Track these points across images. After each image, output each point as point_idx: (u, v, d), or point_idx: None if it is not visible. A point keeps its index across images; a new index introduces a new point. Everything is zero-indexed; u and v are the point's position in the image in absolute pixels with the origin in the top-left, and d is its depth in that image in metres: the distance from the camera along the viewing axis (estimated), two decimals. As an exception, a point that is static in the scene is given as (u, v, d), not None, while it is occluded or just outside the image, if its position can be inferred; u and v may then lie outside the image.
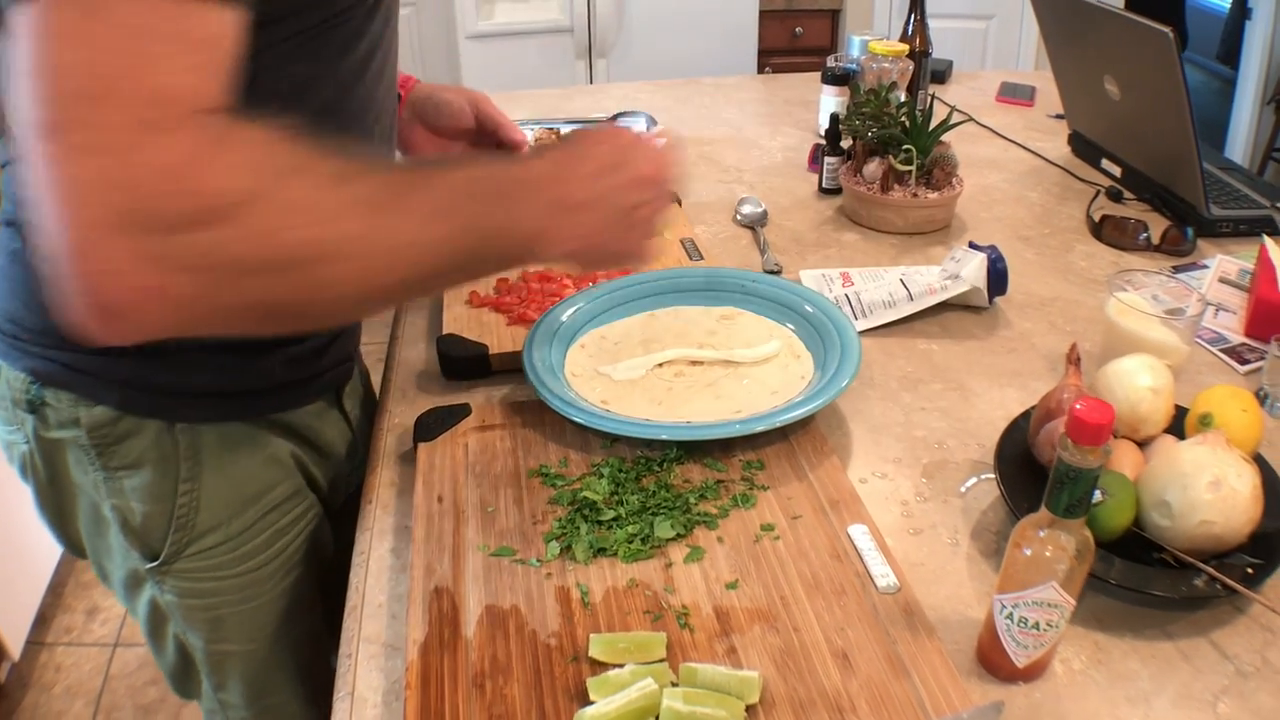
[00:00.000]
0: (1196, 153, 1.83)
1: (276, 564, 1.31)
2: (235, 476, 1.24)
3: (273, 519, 1.29)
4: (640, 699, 0.88)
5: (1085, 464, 0.83)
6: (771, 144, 2.47)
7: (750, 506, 1.16)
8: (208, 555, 1.25)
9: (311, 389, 1.32)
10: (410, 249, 0.89)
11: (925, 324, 1.61)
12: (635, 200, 1.08)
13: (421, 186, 0.92)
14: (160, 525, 1.21)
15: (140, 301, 0.75)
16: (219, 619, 1.30)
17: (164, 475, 1.18)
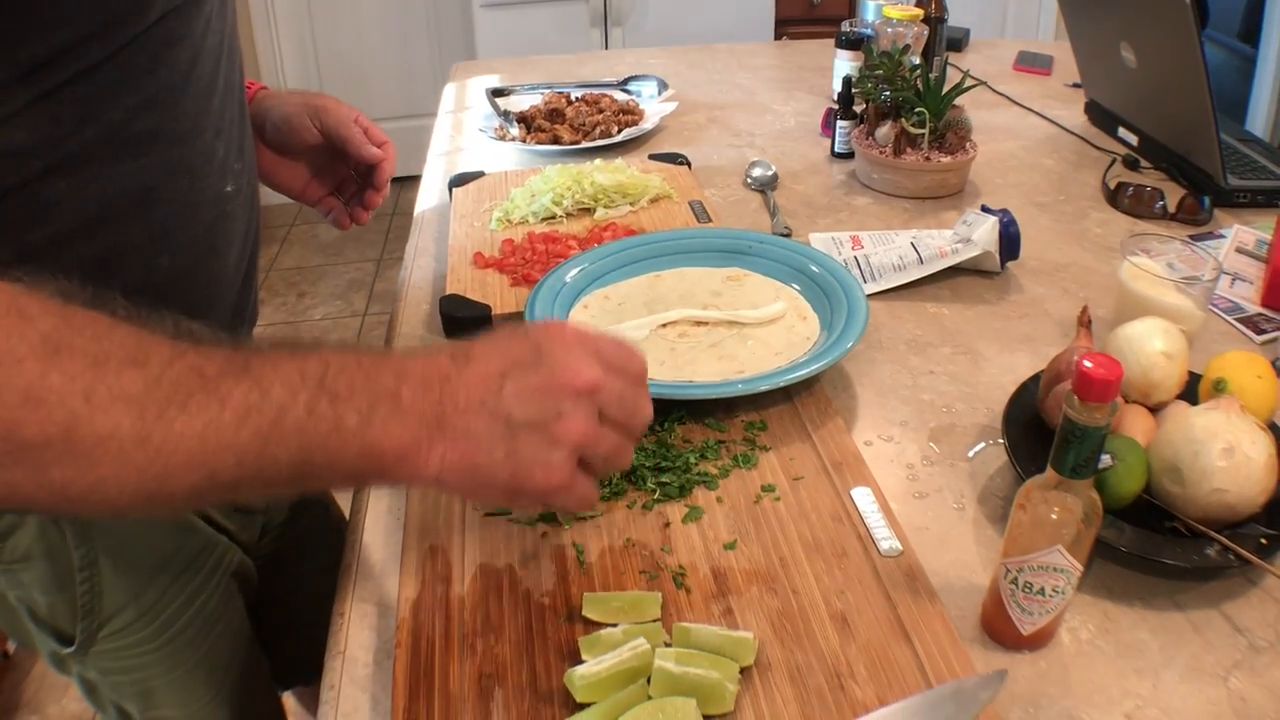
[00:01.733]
0: (1214, 122, 1.80)
1: (199, 623, 1.24)
2: (134, 553, 1.15)
3: (184, 581, 1.21)
4: (632, 659, 0.86)
5: (1092, 422, 0.80)
6: (784, 109, 2.44)
7: (751, 467, 1.14)
8: (123, 635, 1.18)
9: None
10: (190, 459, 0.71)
11: (936, 288, 1.58)
12: (539, 416, 0.82)
13: (233, 376, 0.73)
14: (66, 613, 1.14)
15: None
16: (149, 690, 1.24)
17: (57, 568, 1.11)
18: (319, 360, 0.77)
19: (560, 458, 0.83)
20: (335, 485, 0.84)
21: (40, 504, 0.69)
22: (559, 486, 0.84)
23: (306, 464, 0.75)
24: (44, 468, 0.67)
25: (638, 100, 2.35)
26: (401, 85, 5.36)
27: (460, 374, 0.81)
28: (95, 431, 0.67)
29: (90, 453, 0.67)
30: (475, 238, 1.67)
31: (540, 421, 0.82)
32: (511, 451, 0.81)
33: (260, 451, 0.73)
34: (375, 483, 0.85)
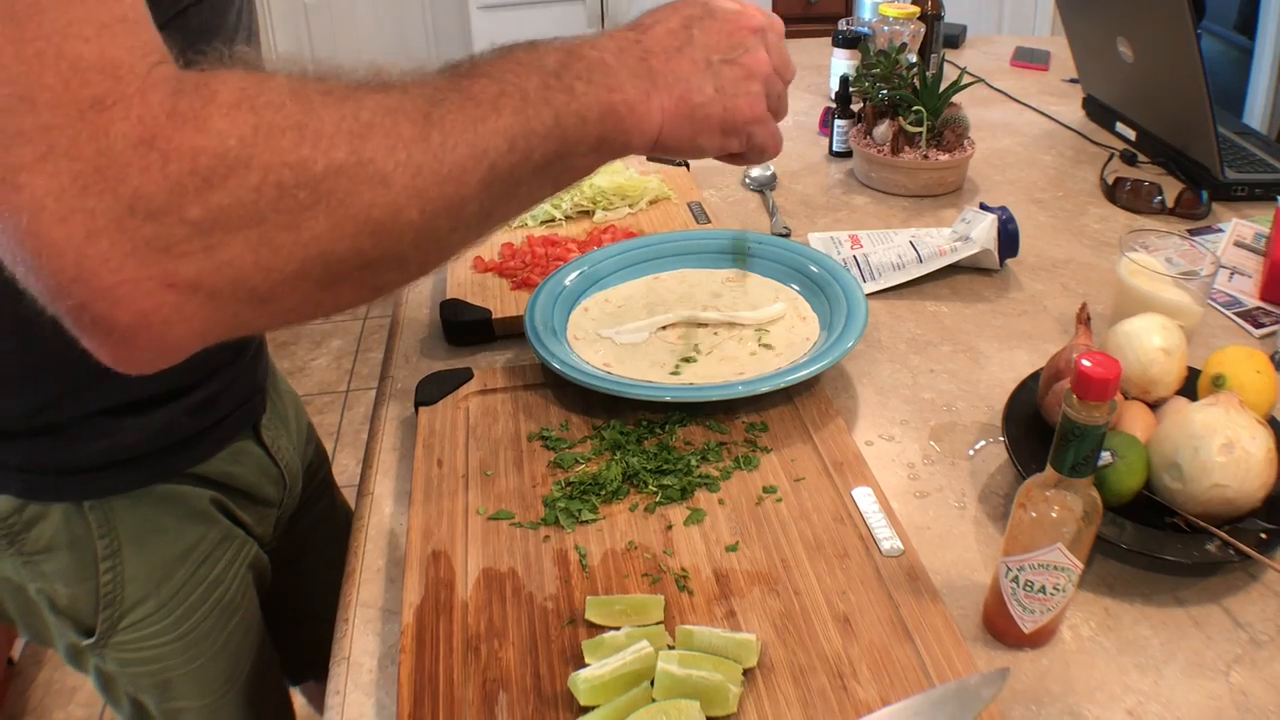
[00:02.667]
0: (1211, 115, 1.80)
1: (216, 615, 1.25)
2: (156, 543, 1.15)
3: (204, 572, 1.22)
4: (635, 662, 0.87)
5: (1091, 420, 0.81)
6: (782, 109, 2.44)
7: (752, 468, 1.14)
8: (143, 625, 1.18)
9: (219, 434, 1.19)
10: (472, 150, 0.73)
11: (935, 286, 1.59)
12: (730, 52, 0.90)
13: (467, 77, 0.76)
14: (88, 604, 1.14)
15: (171, 305, 0.63)
16: (167, 682, 1.24)
17: (81, 557, 1.11)
18: (524, 52, 0.80)
19: (757, 89, 0.91)
20: (587, 157, 0.85)
21: (347, 248, 0.68)
22: (762, 116, 0.93)
23: (563, 134, 0.79)
24: (345, 199, 0.66)
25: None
26: (399, 88, 5.36)
27: (648, 34, 0.88)
28: (381, 144, 0.68)
29: (382, 168, 0.68)
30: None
31: (733, 57, 0.89)
32: (719, 87, 0.89)
33: (523, 129, 0.76)
34: (618, 143, 0.84)
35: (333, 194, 0.66)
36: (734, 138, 0.93)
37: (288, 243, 0.65)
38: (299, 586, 1.50)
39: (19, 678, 2.76)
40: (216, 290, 0.64)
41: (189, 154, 0.61)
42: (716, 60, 0.89)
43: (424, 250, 0.75)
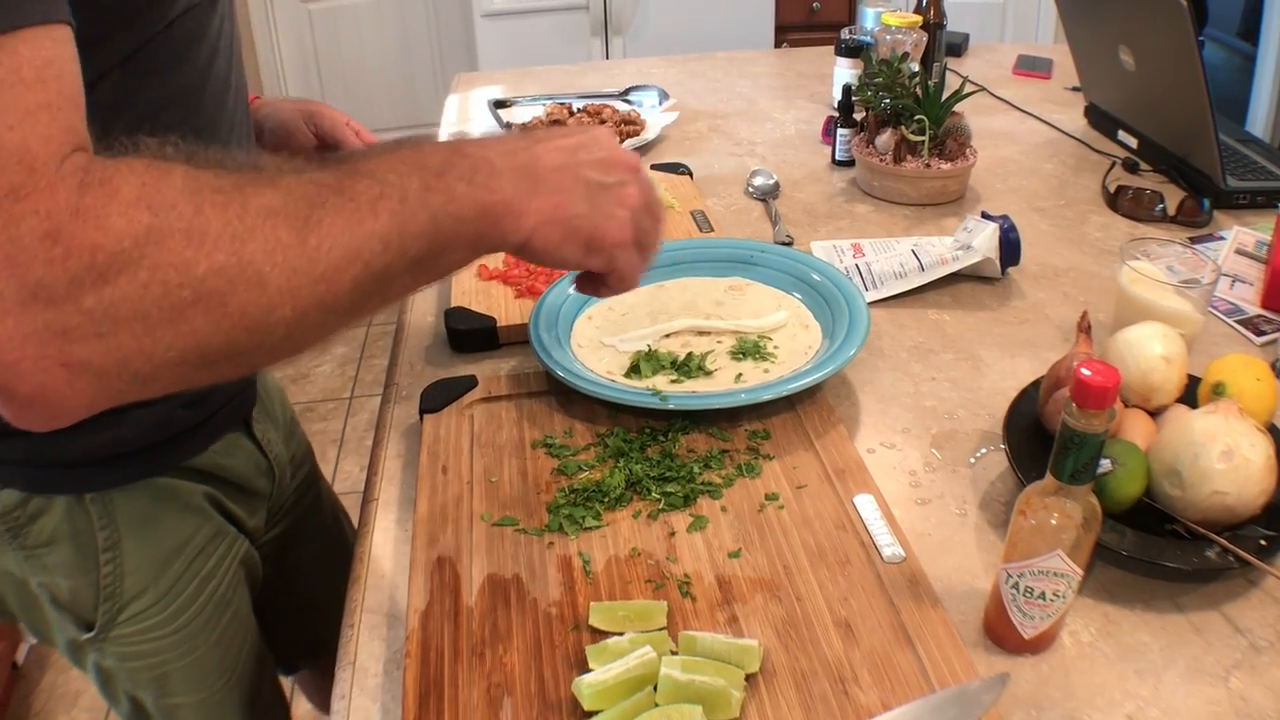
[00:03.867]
0: (1212, 123, 1.81)
1: (210, 609, 1.28)
2: (154, 535, 1.20)
3: (198, 566, 1.25)
4: (638, 667, 0.87)
5: (1090, 428, 0.81)
6: (785, 117, 2.45)
7: (755, 476, 1.15)
8: (141, 618, 1.22)
9: (212, 427, 1.24)
10: (346, 252, 0.77)
11: (937, 294, 1.59)
12: (606, 180, 0.97)
13: (350, 177, 0.79)
14: (88, 597, 1.18)
15: (63, 380, 0.68)
16: (164, 676, 1.28)
17: (83, 549, 1.15)
18: (409, 151, 0.85)
19: (625, 216, 0.98)
20: (461, 253, 0.89)
21: (223, 341, 0.73)
22: (626, 242, 0.98)
23: (437, 234, 0.83)
24: (222, 300, 0.71)
25: (639, 110, 2.36)
26: (404, 96, 5.37)
27: (539, 145, 0.94)
28: (260, 247, 0.72)
29: (260, 270, 0.72)
30: (479, 250, 1.68)
31: (610, 185, 0.97)
32: (593, 207, 0.95)
33: (399, 231, 0.80)
34: (490, 242, 0.89)
35: (212, 293, 0.70)
36: (597, 256, 0.98)
37: (169, 335, 0.70)
38: (289, 578, 1.53)
39: (23, 682, 2.77)
40: (104, 371, 0.69)
41: (88, 250, 0.66)
42: (595, 182, 0.95)
43: (294, 341, 0.79)
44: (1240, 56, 4.86)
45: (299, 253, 0.74)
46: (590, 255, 0.97)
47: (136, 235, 0.67)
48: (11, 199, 0.64)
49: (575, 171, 0.94)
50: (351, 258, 0.77)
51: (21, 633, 2.70)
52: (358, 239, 0.77)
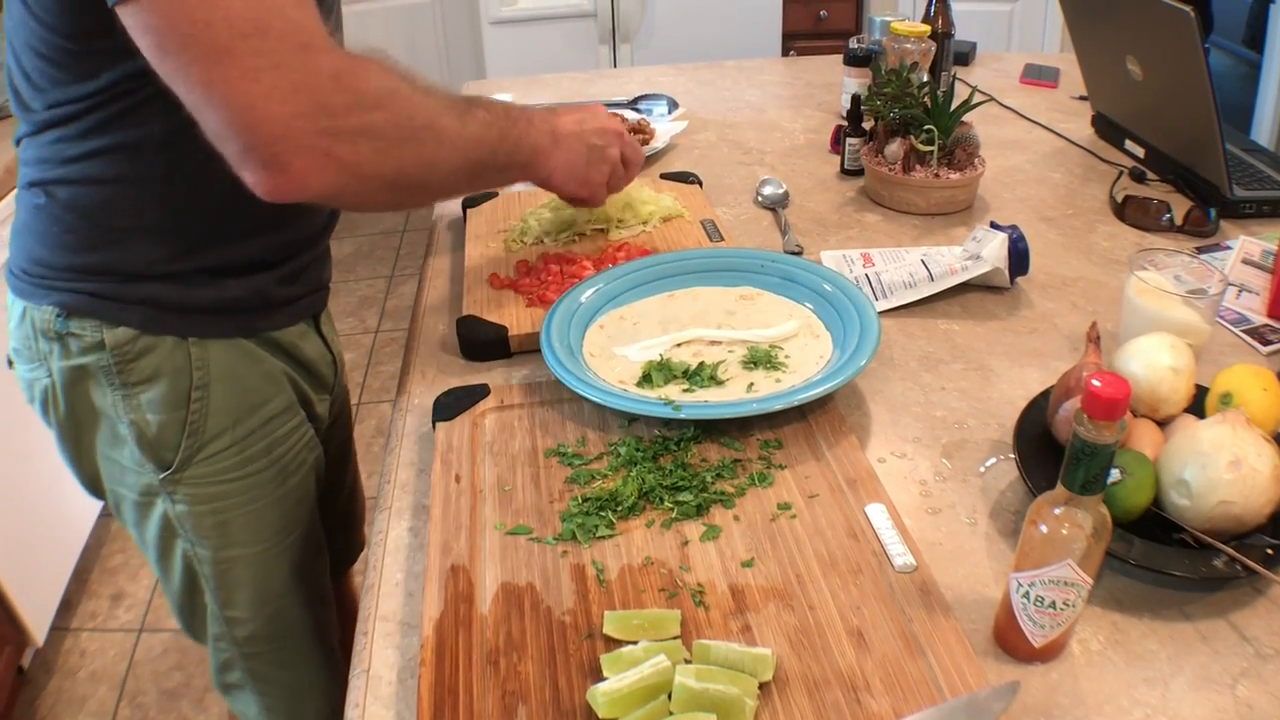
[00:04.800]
0: (1219, 133, 1.81)
1: (275, 469, 1.43)
2: (239, 387, 1.36)
3: (271, 428, 1.41)
4: (653, 675, 0.88)
5: (1101, 439, 0.82)
6: (794, 126, 2.46)
7: (767, 485, 1.16)
8: (215, 460, 1.36)
9: (296, 309, 1.44)
10: (475, 143, 1.26)
11: (946, 304, 1.60)
12: (599, 143, 1.51)
13: (477, 104, 1.27)
14: (173, 433, 1.32)
15: (321, 164, 1.03)
16: (226, 523, 1.40)
17: (178, 385, 1.30)
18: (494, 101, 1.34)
19: (607, 168, 1.55)
20: (515, 172, 1.41)
21: (408, 173, 1.16)
22: (602, 183, 1.55)
23: (512, 155, 1.35)
24: (422, 142, 1.16)
25: (649, 119, 2.37)
26: (412, 104, 5.36)
27: (559, 119, 1.47)
28: (445, 124, 1.20)
29: (439, 137, 1.19)
30: (490, 258, 1.69)
31: (600, 146, 1.52)
32: (589, 161, 1.51)
33: (496, 142, 1.31)
34: (528, 172, 1.43)
35: (420, 136, 1.15)
36: (585, 190, 1.52)
37: (391, 154, 1.12)
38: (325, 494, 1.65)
39: (29, 686, 2.77)
40: (346, 165, 1.06)
41: (357, 90, 1.06)
42: (592, 145, 1.50)
43: (447, 184, 1.31)
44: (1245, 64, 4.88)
45: (459, 131, 1.22)
46: (581, 189, 1.52)
47: (388, 89, 1.11)
48: (306, 51, 1.00)
49: (581, 137, 1.48)
50: (481, 143, 1.28)
51: (28, 635, 2.71)
52: (485, 135, 1.28)
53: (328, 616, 1.61)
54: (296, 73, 0.98)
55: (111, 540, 3.21)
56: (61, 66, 1.14)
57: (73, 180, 1.21)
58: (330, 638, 1.62)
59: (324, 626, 1.60)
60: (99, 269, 1.24)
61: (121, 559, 3.16)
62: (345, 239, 5.27)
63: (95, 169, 1.20)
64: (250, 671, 1.53)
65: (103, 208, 1.21)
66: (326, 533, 1.63)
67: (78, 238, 1.23)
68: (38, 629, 2.75)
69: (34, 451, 2.54)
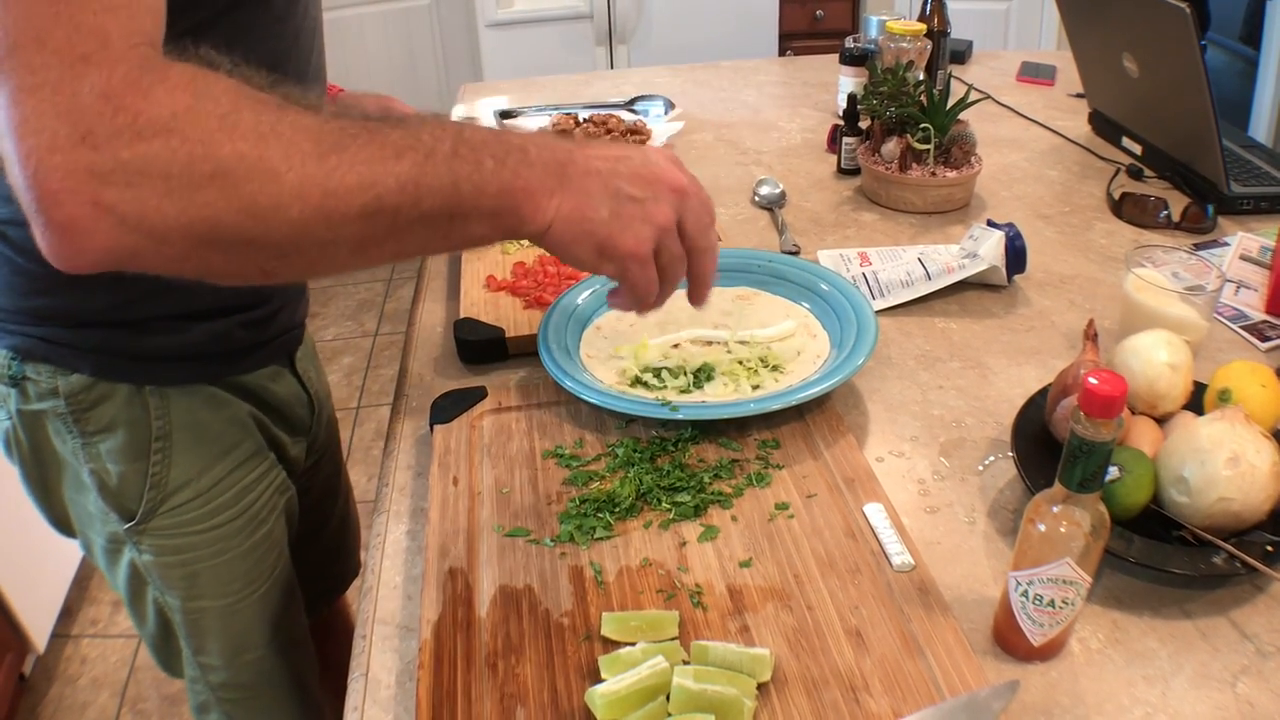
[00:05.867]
0: (1216, 130, 1.81)
1: (244, 519, 1.37)
2: (202, 435, 1.29)
3: (238, 476, 1.35)
4: (651, 677, 0.88)
5: (1098, 437, 0.82)
6: (790, 126, 2.46)
7: (765, 485, 1.16)
8: (180, 511, 1.30)
9: (265, 352, 1.36)
10: (361, 179, 0.86)
11: (944, 303, 1.60)
12: (638, 193, 1.01)
13: (387, 125, 0.89)
14: (135, 484, 1.26)
15: (90, 217, 0.78)
16: (194, 575, 1.35)
17: (137, 435, 1.24)
18: (454, 123, 0.95)
19: (648, 233, 1.02)
20: (477, 229, 0.96)
21: (227, 225, 0.82)
22: (641, 256, 1.03)
23: (455, 196, 0.91)
24: (237, 182, 0.81)
25: (645, 120, 2.37)
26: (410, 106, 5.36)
27: (581, 150, 1.01)
28: (281, 149, 0.82)
29: (276, 167, 0.82)
30: (487, 261, 1.69)
31: (641, 199, 1.01)
32: (614, 214, 1.00)
33: (417, 180, 0.88)
34: (508, 223, 0.97)
35: (230, 174, 0.81)
36: (609, 263, 1.03)
37: (185, 199, 0.80)
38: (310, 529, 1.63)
39: (30, 693, 2.77)
40: (125, 218, 0.79)
41: (133, 112, 0.77)
42: (624, 194, 1.01)
43: (302, 250, 0.88)
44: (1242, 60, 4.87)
45: (316, 164, 0.84)
46: (602, 260, 1.03)
47: (176, 110, 0.79)
48: (82, 63, 0.77)
49: (607, 180, 1.00)
50: (365, 186, 0.86)
51: (29, 642, 2.71)
52: (374, 172, 0.86)
53: (305, 659, 1.58)
54: (61, 93, 0.77)
55: (111, 546, 3.19)
56: None
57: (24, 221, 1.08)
58: (308, 681, 1.58)
59: (301, 671, 1.56)
60: (51, 314, 1.19)
61: (121, 564, 3.14)
62: (343, 242, 5.26)
63: None
64: (227, 715, 1.51)
65: None
66: (316, 564, 1.62)
67: (30, 281, 1.17)
68: (39, 636, 2.75)
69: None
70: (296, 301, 1.43)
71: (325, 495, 1.74)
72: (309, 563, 1.61)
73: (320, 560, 1.70)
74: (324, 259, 0.91)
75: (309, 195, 0.83)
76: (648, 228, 1.02)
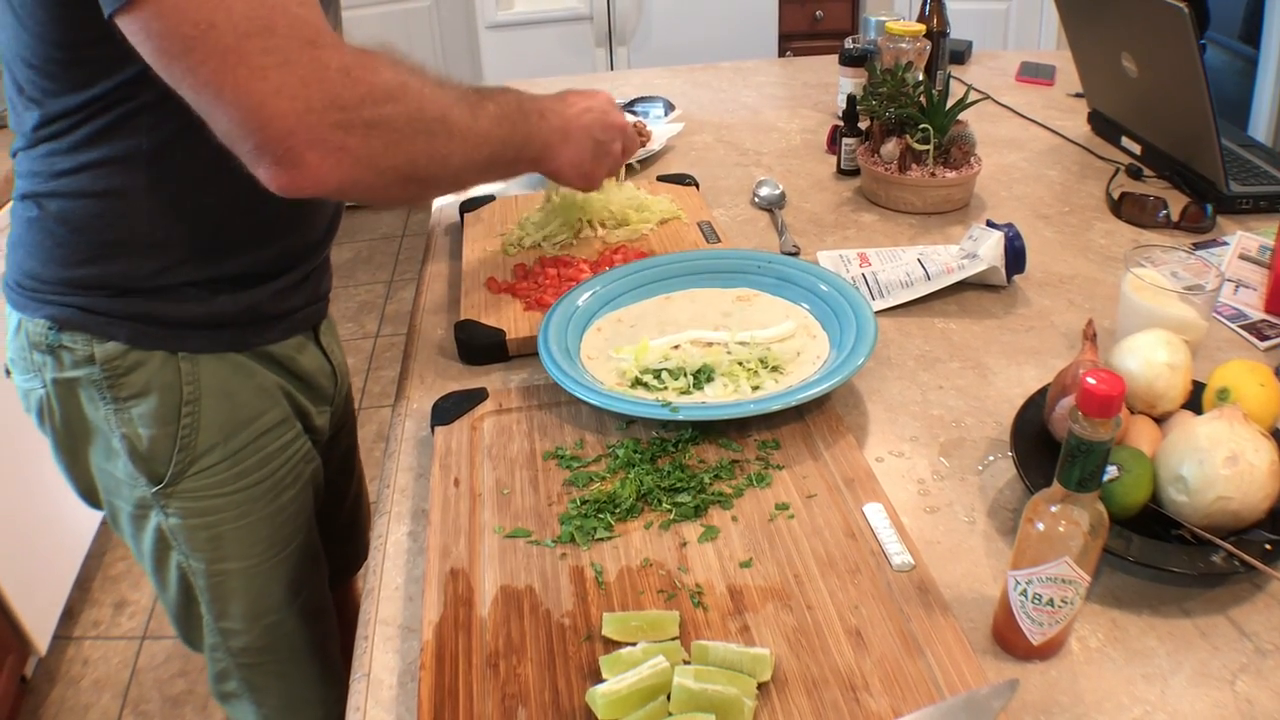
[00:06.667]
0: (1214, 129, 1.82)
1: (269, 484, 1.42)
2: (230, 401, 1.35)
3: (264, 443, 1.40)
4: (651, 676, 0.88)
5: (1096, 437, 0.82)
6: (790, 126, 2.46)
7: (765, 486, 1.16)
8: (208, 474, 1.35)
9: (291, 322, 1.42)
10: (486, 138, 1.24)
11: (943, 303, 1.60)
12: (604, 138, 1.50)
13: (489, 98, 1.27)
14: (165, 448, 1.32)
15: (331, 156, 1.03)
16: (219, 537, 1.40)
17: (168, 400, 1.30)
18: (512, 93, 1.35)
19: (609, 162, 1.55)
20: (524, 168, 1.42)
21: (421, 166, 1.15)
22: (602, 176, 1.55)
23: (523, 149, 1.36)
24: (434, 135, 1.15)
25: (645, 121, 2.37)
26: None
27: (570, 108, 1.47)
28: (456, 118, 1.19)
29: (451, 130, 1.18)
30: (488, 262, 1.69)
31: (605, 141, 1.52)
32: (594, 156, 1.50)
33: (507, 136, 1.29)
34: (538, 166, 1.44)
35: (433, 130, 1.15)
36: (584, 180, 1.52)
37: (402, 147, 1.11)
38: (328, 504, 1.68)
39: (32, 695, 2.77)
40: (360, 159, 1.06)
41: (368, 84, 1.05)
42: (598, 140, 1.49)
43: (449, 183, 1.33)
44: (1241, 59, 4.87)
45: (470, 125, 1.21)
46: (582, 182, 1.52)
47: (399, 82, 1.10)
48: (313, 46, 1.00)
49: (589, 130, 1.48)
50: (491, 141, 1.25)
51: (30, 645, 2.71)
52: (494, 133, 1.26)
53: (326, 628, 1.61)
54: (304, 68, 0.98)
55: (114, 548, 3.21)
56: (51, 77, 1.14)
57: (63, 193, 1.21)
58: (329, 650, 1.61)
59: (322, 639, 1.59)
60: (88, 283, 1.24)
61: (124, 567, 3.16)
62: (344, 244, 5.27)
63: (85, 182, 1.20)
64: (247, 682, 1.53)
65: (92, 221, 1.22)
66: (329, 542, 1.64)
67: (68, 251, 1.23)
68: (40, 638, 2.75)
69: (35, 459, 2.53)
70: (321, 274, 1.50)
71: (342, 470, 1.79)
72: (326, 539, 1.64)
73: (335, 538, 1.72)
74: (460, 183, 1.36)
75: (470, 145, 1.21)
76: (610, 159, 1.55)
